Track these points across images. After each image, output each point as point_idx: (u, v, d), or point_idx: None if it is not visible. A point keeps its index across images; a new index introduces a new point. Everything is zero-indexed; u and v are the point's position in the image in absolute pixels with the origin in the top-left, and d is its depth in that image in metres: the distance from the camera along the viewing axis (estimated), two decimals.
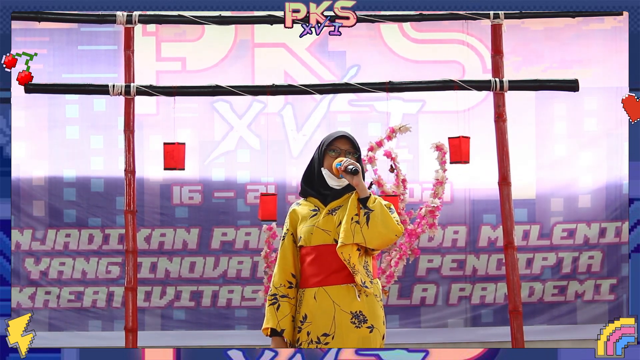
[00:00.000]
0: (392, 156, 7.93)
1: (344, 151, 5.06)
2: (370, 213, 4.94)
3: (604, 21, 9.17)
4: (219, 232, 9.13)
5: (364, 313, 4.97)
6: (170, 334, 9.07)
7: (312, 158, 5.15)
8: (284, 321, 5.01)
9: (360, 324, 4.96)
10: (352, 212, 4.95)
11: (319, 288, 4.98)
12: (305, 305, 4.99)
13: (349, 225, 4.93)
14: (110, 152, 9.07)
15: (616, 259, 9.13)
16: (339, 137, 5.08)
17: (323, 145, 5.09)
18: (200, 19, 7.50)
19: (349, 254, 4.94)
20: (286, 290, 5.05)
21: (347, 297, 4.96)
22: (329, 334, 4.96)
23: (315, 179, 5.11)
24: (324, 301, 4.96)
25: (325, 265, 4.98)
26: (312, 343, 4.97)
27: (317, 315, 4.96)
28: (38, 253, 9.07)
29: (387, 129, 7.98)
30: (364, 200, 4.96)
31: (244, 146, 9.17)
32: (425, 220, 7.92)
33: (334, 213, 5.05)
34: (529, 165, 9.13)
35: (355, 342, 4.95)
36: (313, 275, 5.01)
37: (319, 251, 5.01)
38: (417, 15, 7.64)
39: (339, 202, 5.08)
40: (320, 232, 5.02)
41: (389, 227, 4.95)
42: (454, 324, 9.14)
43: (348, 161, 4.96)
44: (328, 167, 5.06)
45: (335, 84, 7.95)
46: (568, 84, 7.57)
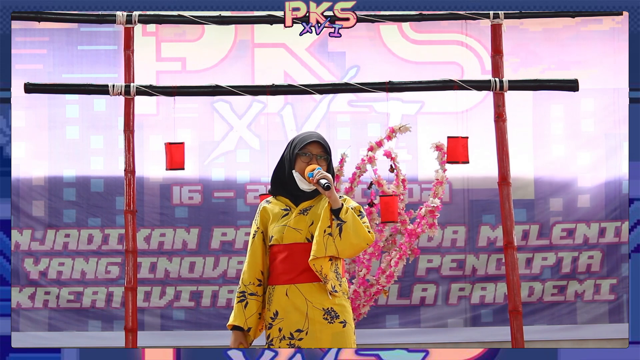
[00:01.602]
0: (391, 156, 7.94)
1: (315, 156, 5.09)
2: (343, 224, 4.99)
3: (602, 22, 9.18)
4: (218, 232, 9.13)
5: (335, 310, 5.04)
6: (170, 334, 9.06)
7: (282, 157, 5.18)
8: (251, 319, 5.10)
9: (333, 320, 5.03)
10: (325, 224, 5.00)
11: (291, 285, 5.05)
12: (276, 301, 5.06)
13: (321, 238, 4.98)
14: (110, 152, 9.07)
15: (616, 258, 9.14)
16: (311, 142, 5.10)
17: (295, 148, 5.12)
18: (200, 19, 7.50)
19: (321, 265, 5.01)
20: (255, 288, 5.12)
21: (319, 294, 5.03)
22: (302, 329, 5.02)
23: (286, 180, 5.16)
24: (296, 298, 5.03)
25: (297, 263, 5.05)
26: (284, 339, 5.04)
27: (289, 312, 5.03)
28: (37, 253, 9.06)
29: (387, 129, 7.98)
30: (336, 211, 5.00)
31: (243, 146, 9.17)
32: (425, 220, 7.93)
33: (306, 213, 5.10)
34: (527, 165, 9.13)
35: (330, 337, 5.02)
36: (284, 272, 5.07)
37: (290, 249, 5.07)
38: (416, 16, 7.64)
39: (311, 202, 5.13)
40: (291, 231, 5.08)
41: (361, 236, 5.01)
42: (453, 323, 9.14)
43: (320, 174, 4.98)
44: (300, 171, 5.10)
45: (335, 84, 7.95)
46: (568, 84, 7.58)
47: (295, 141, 5.15)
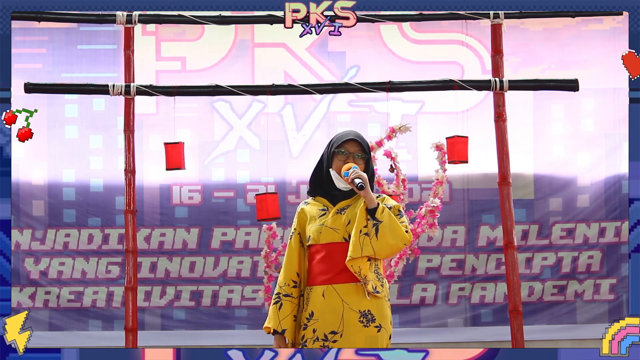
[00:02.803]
0: (392, 156, 7.94)
1: (352, 154, 5.04)
2: (379, 224, 4.93)
3: (603, 22, 9.18)
4: (219, 232, 9.12)
5: (372, 312, 4.96)
6: (170, 333, 9.06)
7: (321, 157, 5.14)
8: (285, 321, 5.01)
9: (369, 323, 4.95)
10: (361, 224, 4.94)
11: (328, 286, 4.98)
12: (312, 302, 4.99)
13: (357, 238, 4.92)
14: (110, 152, 9.07)
15: (616, 258, 9.14)
16: (349, 140, 5.05)
17: (332, 146, 5.08)
18: (200, 18, 7.50)
19: (359, 266, 4.93)
20: (290, 290, 5.05)
21: (356, 295, 4.95)
22: (337, 331, 4.95)
23: (324, 179, 5.11)
24: (332, 299, 4.95)
25: (335, 263, 4.98)
26: (317, 340, 4.98)
27: (325, 313, 4.96)
28: (38, 253, 9.06)
29: (387, 129, 7.98)
30: (372, 211, 4.95)
31: (243, 146, 9.17)
32: (425, 220, 7.93)
33: (343, 212, 5.04)
34: (527, 165, 9.13)
35: (363, 341, 4.95)
36: (322, 272, 5.01)
37: (328, 249, 5.01)
38: (416, 15, 7.64)
39: (348, 202, 5.07)
40: (329, 231, 5.02)
41: (398, 237, 4.94)
42: (453, 323, 9.14)
43: (355, 173, 4.94)
44: (336, 169, 5.05)
45: (335, 84, 7.95)
46: (568, 83, 7.59)
47: (334, 139, 5.11)
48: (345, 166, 5.00)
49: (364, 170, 5.03)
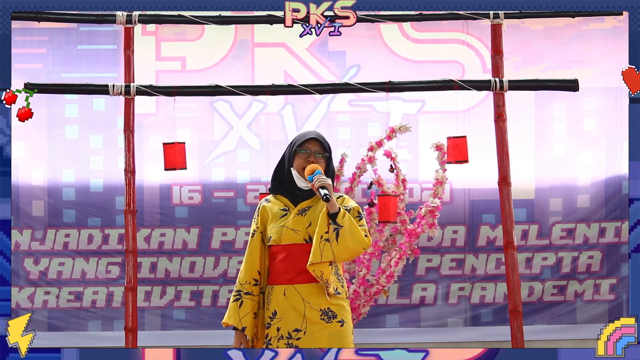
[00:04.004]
0: (392, 156, 7.94)
1: (313, 152, 5.11)
2: (340, 229, 5.01)
3: (604, 21, 9.17)
4: (219, 232, 9.12)
5: (332, 309, 5.06)
6: (170, 334, 9.06)
7: (283, 156, 5.22)
8: (245, 319, 5.09)
9: (331, 319, 5.06)
10: (322, 229, 5.01)
11: (289, 285, 5.07)
12: (274, 301, 5.09)
13: (317, 243, 5.00)
14: (110, 152, 9.06)
15: (616, 258, 9.13)
16: (310, 139, 5.13)
17: (294, 145, 5.15)
18: (200, 18, 7.50)
19: (321, 271, 5.03)
20: (251, 288, 5.13)
21: (316, 295, 5.06)
22: (300, 329, 5.05)
23: (285, 177, 5.18)
24: (294, 298, 5.05)
25: (295, 264, 5.07)
26: (282, 339, 5.06)
27: (287, 312, 5.05)
28: (37, 253, 9.06)
29: (387, 128, 7.97)
30: (333, 215, 5.02)
31: (243, 146, 9.17)
32: (425, 220, 7.93)
33: (304, 213, 5.12)
34: (527, 165, 9.13)
35: (327, 337, 5.05)
36: (283, 272, 5.10)
37: (289, 250, 5.10)
38: (417, 15, 7.64)
39: (309, 202, 5.15)
40: (290, 232, 5.10)
41: (357, 241, 5.03)
42: (453, 323, 9.14)
43: (319, 182, 4.99)
44: (297, 168, 5.12)
45: (335, 84, 7.95)
46: (568, 83, 7.58)
47: (295, 139, 5.19)
48: (309, 167, 5.07)
49: (325, 169, 5.11)
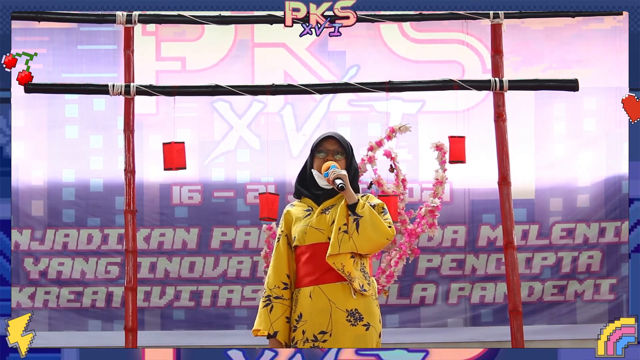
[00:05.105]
0: (392, 156, 7.94)
1: (331, 151, 5.10)
2: (360, 219, 4.96)
3: (604, 21, 9.17)
4: (218, 232, 9.13)
5: (359, 311, 4.99)
6: (170, 334, 9.06)
7: (306, 161, 5.20)
8: (277, 323, 5.03)
9: (356, 322, 4.98)
10: (341, 221, 4.98)
11: (315, 287, 5.01)
12: (300, 304, 5.02)
13: (335, 235, 4.95)
14: (110, 152, 9.07)
15: (616, 258, 9.14)
16: (327, 138, 5.12)
17: (312, 147, 5.15)
18: (200, 18, 7.50)
19: (342, 263, 4.96)
20: (280, 292, 5.06)
21: (343, 295, 4.98)
22: (326, 331, 4.97)
23: (308, 179, 5.16)
24: (319, 299, 4.98)
25: (320, 264, 5.01)
26: (307, 342, 4.99)
27: (312, 314, 4.98)
28: (37, 253, 9.06)
29: (387, 128, 7.98)
30: (352, 206, 4.99)
31: (243, 146, 9.17)
32: (425, 220, 7.93)
33: (327, 212, 5.08)
34: (528, 165, 9.13)
35: (352, 340, 4.97)
36: (308, 274, 5.04)
37: (313, 250, 5.04)
38: (417, 15, 7.64)
39: (332, 201, 5.12)
40: (314, 231, 5.05)
41: (380, 231, 4.97)
42: (453, 323, 9.14)
43: (334, 174, 4.98)
44: (317, 168, 5.11)
45: (335, 83, 7.95)
46: (568, 83, 7.58)
47: (314, 142, 5.18)
48: (324, 165, 5.06)
49: (347, 167, 5.09)
